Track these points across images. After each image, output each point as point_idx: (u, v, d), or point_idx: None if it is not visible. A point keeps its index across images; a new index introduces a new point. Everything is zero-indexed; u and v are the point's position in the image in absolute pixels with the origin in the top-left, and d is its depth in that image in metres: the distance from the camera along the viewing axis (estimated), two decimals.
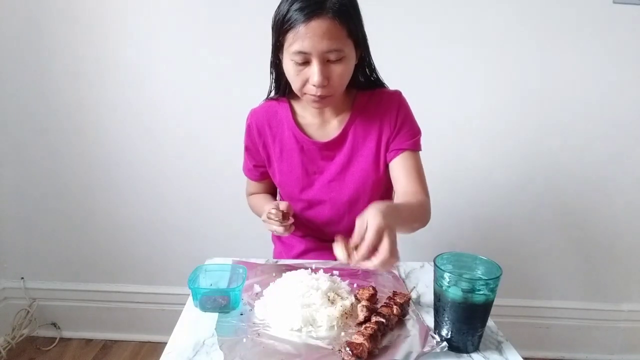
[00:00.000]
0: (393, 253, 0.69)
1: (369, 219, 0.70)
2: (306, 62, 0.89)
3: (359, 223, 0.73)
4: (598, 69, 1.58)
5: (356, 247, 0.71)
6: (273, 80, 1.05)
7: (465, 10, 1.54)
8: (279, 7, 0.90)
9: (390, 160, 1.03)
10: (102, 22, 1.56)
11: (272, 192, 1.19)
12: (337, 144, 1.03)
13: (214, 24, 1.56)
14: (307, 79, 0.90)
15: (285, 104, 1.06)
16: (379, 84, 1.05)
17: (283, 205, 0.96)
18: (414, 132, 1.04)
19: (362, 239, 0.70)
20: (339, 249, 0.72)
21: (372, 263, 0.69)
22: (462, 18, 1.55)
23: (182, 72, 1.61)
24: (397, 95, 1.05)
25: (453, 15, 1.54)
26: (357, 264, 0.71)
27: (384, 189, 1.07)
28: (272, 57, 0.99)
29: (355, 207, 1.04)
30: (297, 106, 1.06)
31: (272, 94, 1.08)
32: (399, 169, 1.01)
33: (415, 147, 1.03)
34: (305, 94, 0.93)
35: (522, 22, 1.54)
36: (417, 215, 0.93)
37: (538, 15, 1.54)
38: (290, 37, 0.87)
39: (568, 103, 1.61)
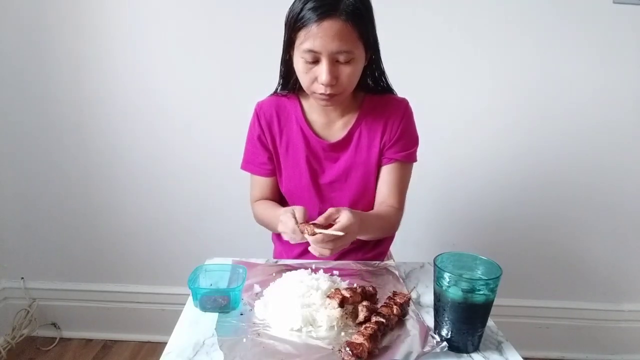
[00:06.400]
0: (329, 248, 0.81)
1: (344, 217, 0.82)
2: (316, 61, 0.90)
3: (332, 211, 0.83)
4: (598, 69, 1.57)
5: (314, 225, 0.82)
6: (282, 76, 1.06)
7: (465, 11, 1.54)
8: (293, 4, 0.91)
9: (381, 166, 1.05)
10: (103, 21, 1.56)
11: (277, 194, 1.13)
12: (341, 146, 1.04)
13: (215, 23, 1.56)
14: (316, 77, 0.92)
15: (294, 100, 1.07)
16: (387, 89, 1.06)
17: (300, 212, 0.87)
18: (411, 144, 1.05)
19: (327, 223, 0.82)
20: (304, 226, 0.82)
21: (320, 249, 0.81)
22: (462, 19, 1.55)
23: (184, 72, 1.61)
24: (403, 104, 1.06)
25: (452, 16, 1.54)
26: (307, 239, 0.82)
27: None
28: (283, 53, 1.00)
29: (355, 209, 1.03)
30: (305, 103, 1.07)
31: (280, 89, 1.08)
32: (383, 178, 1.05)
33: (406, 159, 1.05)
34: (313, 92, 0.95)
35: (522, 22, 1.54)
36: (382, 226, 1.03)
37: (538, 16, 1.53)
38: (302, 35, 0.88)
39: (567, 103, 1.61)
